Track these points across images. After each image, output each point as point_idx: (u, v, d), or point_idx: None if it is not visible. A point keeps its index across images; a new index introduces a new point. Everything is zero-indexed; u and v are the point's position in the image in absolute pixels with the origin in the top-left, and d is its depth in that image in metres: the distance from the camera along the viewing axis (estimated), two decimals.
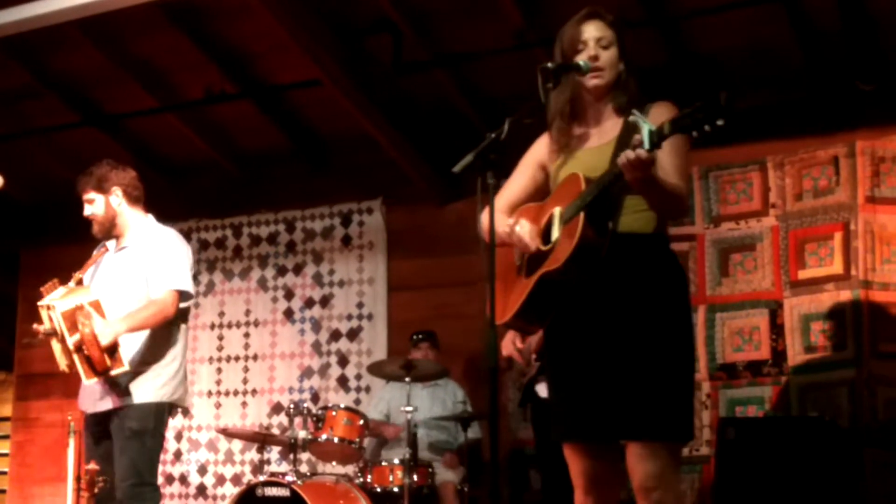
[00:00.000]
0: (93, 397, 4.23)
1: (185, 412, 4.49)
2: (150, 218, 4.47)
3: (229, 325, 7.14)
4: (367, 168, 6.76)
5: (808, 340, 5.41)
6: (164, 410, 4.27)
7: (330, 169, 6.96)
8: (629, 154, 2.55)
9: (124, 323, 4.08)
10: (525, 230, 2.86)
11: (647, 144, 2.52)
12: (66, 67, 6.36)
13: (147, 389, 4.20)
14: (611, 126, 2.93)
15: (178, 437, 7.10)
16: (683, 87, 5.46)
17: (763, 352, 5.54)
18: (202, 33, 5.97)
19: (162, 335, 4.26)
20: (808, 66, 5.55)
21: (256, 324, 7.06)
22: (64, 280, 4.33)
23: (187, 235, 7.18)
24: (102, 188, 4.38)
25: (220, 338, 7.14)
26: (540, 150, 3.08)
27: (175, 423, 7.07)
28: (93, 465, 3.98)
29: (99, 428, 4.27)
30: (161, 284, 4.22)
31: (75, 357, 3.99)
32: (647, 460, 2.69)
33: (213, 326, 7.15)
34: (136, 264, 4.29)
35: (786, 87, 5.67)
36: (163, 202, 4.73)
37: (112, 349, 4.00)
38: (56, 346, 4.16)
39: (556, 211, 2.84)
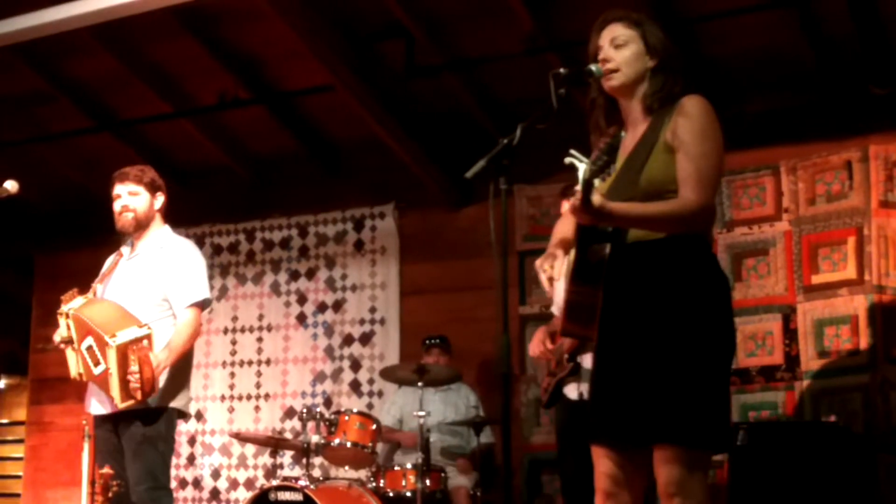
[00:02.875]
0: (101, 398, 4.22)
1: (187, 417, 4.51)
2: (167, 228, 4.49)
3: (242, 330, 7.16)
4: (379, 173, 6.77)
5: (822, 345, 5.39)
6: (174, 415, 4.28)
7: (342, 174, 6.97)
8: (571, 200, 2.58)
9: (170, 356, 4.12)
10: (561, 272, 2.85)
11: (580, 185, 2.47)
12: (80, 73, 6.40)
13: (161, 395, 4.19)
14: (641, 131, 2.81)
15: (192, 441, 7.12)
16: (696, 91, 5.43)
17: (776, 357, 5.52)
18: (215, 39, 5.99)
19: None
20: (820, 71, 5.53)
21: (269, 328, 7.08)
22: (83, 288, 4.34)
23: (200, 240, 7.22)
24: (152, 187, 4.39)
25: (234, 342, 7.16)
26: None
27: (189, 427, 7.09)
28: (107, 470, 3.97)
29: (104, 430, 4.26)
30: (181, 301, 4.25)
31: (113, 382, 3.97)
32: (669, 465, 2.62)
33: (226, 331, 7.17)
34: (148, 273, 4.30)
35: (798, 91, 5.66)
36: (176, 207, 4.74)
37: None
38: (71, 354, 4.19)
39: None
